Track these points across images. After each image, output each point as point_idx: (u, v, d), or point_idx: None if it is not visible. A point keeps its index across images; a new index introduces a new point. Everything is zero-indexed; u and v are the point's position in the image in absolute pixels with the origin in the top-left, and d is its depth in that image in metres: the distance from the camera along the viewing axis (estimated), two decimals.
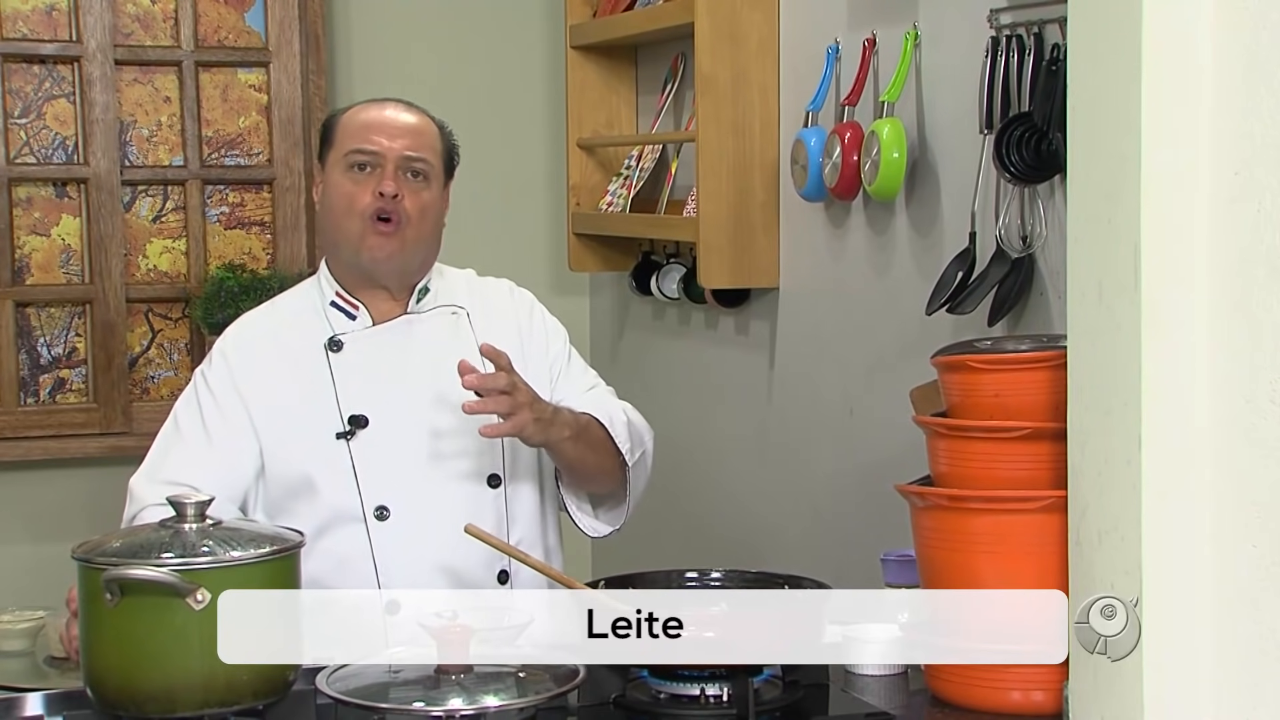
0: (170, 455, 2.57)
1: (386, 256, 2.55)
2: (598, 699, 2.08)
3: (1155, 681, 1.77)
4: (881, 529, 3.04)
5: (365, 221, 2.54)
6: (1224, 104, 1.75)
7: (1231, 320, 1.76)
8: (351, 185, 2.55)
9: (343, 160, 2.57)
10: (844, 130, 3.10)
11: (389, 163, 2.55)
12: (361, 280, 2.60)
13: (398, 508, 2.52)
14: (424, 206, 2.57)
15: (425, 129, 2.62)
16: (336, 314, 2.61)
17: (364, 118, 2.60)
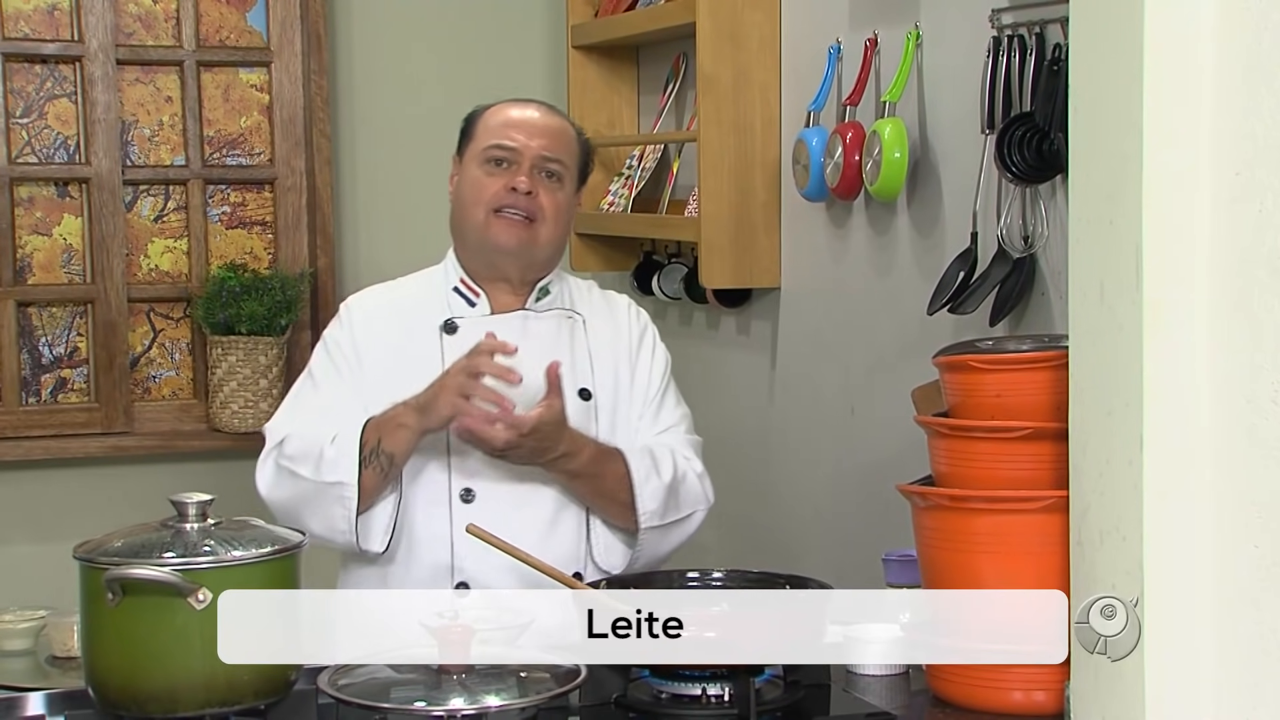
0: (309, 401, 2.63)
1: (515, 244, 2.59)
2: (599, 699, 2.08)
3: (1156, 681, 1.77)
4: (883, 529, 3.05)
5: (491, 212, 2.59)
6: (1225, 104, 1.75)
7: (1233, 320, 1.76)
8: (485, 177, 2.61)
9: (480, 154, 2.63)
10: (845, 130, 3.10)
11: (525, 160, 2.60)
12: (485, 270, 2.64)
13: (483, 493, 2.55)
14: (558, 206, 2.62)
15: (564, 132, 2.67)
16: (457, 299, 2.66)
17: (505, 115, 2.66)
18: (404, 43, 4.22)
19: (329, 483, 2.49)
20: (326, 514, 2.50)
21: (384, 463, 2.48)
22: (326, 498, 2.49)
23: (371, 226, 4.21)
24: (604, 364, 2.66)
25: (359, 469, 2.47)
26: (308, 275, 4.09)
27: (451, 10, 4.25)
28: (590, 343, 2.67)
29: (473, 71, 4.26)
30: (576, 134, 2.70)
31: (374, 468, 2.48)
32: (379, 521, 2.53)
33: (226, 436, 4.04)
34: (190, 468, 4.07)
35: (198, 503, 2.06)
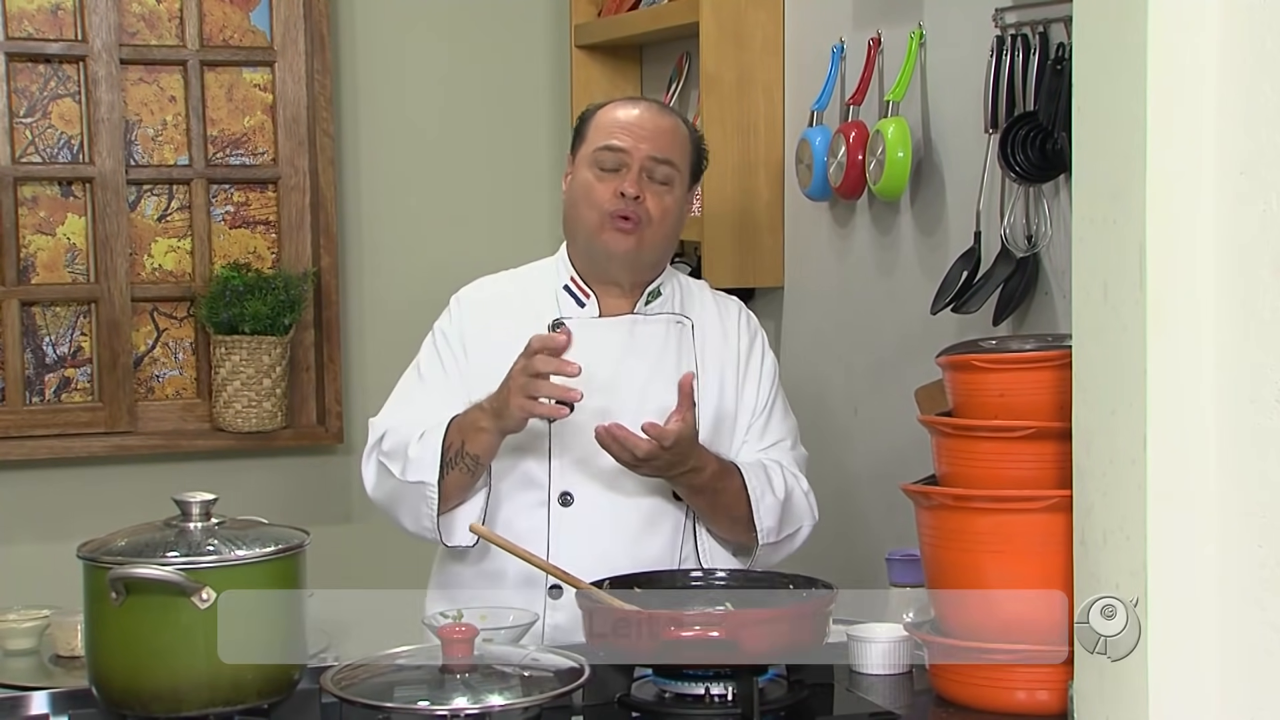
0: (414, 394, 2.65)
1: (622, 252, 2.59)
2: (602, 698, 2.08)
3: (1160, 681, 1.77)
4: (887, 528, 3.05)
5: (603, 216, 2.58)
6: (1229, 104, 1.75)
7: (1236, 320, 1.75)
8: (595, 180, 2.60)
9: (591, 156, 2.62)
10: (849, 130, 3.10)
11: (634, 163, 2.59)
12: (595, 272, 2.65)
13: (582, 496, 2.56)
14: (665, 209, 2.61)
15: (675, 131, 2.65)
16: (567, 298, 2.66)
17: (614, 116, 2.64)
18: (407, 42, 4.22)
19: (413, 482, 2.51)
20: (415, 511, 2.54)
21: (469, 464, 2.50)
22: (413, 496, 2.53)
23: (375, 226, 4.21)
24: (710, 372, 2.65)
25: (442, 470, 2.49)
26: (311, 275, 4.09)
27: (455, 10, 4.25)
28: (698, 349, 2.66)
29: (476, 71, 4.26)
30: (689, 131, 2.68)
31: (460, 469, 2.50)
32: (466, 517, 2.54)
33: (230, 436, 4.04)
34: (194, 467, 4.07)
35: (201, 502, 2.07)
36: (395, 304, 4.18)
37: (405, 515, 2.57)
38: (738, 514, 2.57)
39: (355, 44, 4.18)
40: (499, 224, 4.24)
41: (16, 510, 4.00)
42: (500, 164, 4.26)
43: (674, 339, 2.65)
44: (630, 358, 2.61)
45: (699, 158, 2.69)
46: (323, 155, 4.10)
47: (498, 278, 2.76)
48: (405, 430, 2.56)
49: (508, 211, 4.27)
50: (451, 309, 2.70)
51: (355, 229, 4.20)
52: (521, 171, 4.28)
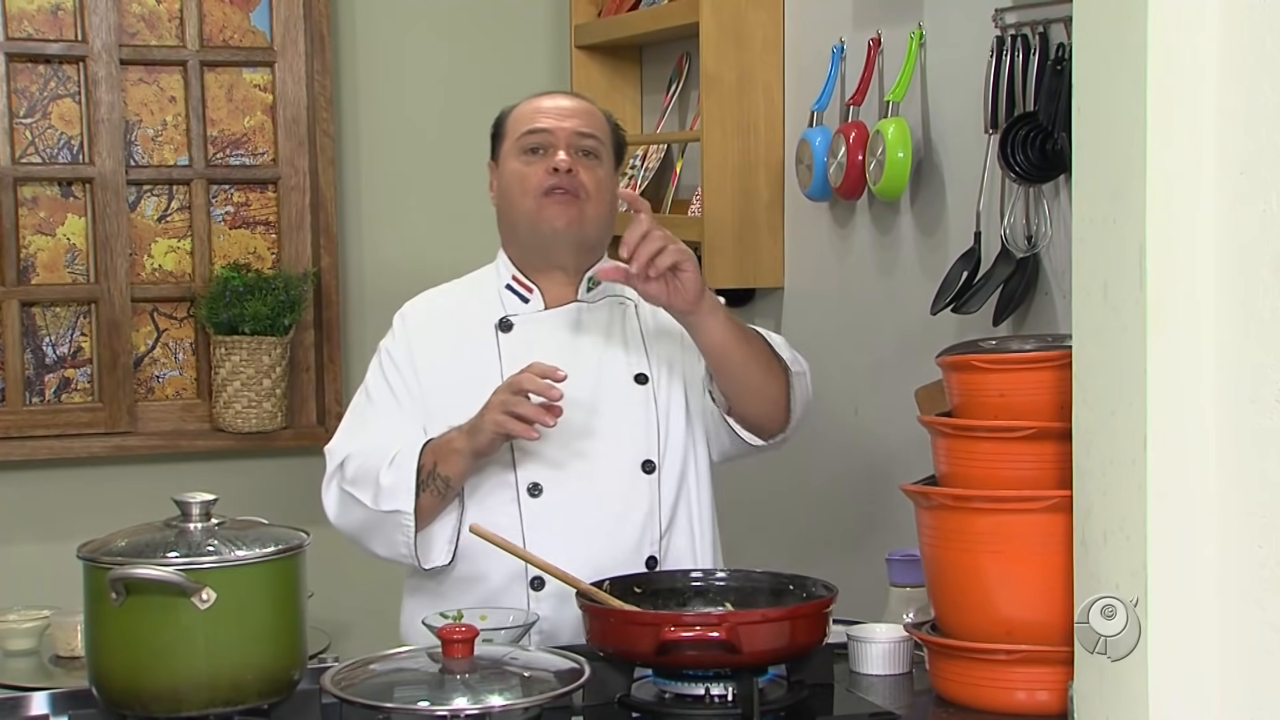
0: (366, 419, 2.64)
1: (565, 224, 2.59)
2: (602, 698, 2.08)
3: (1160, 682, 1.77)
4: (886, 529, 3.05)
5: (539, 196, 2.59)
6: (1229, 104, 1.75)
7: (1237, 320, 1.75)
8: (524, 167, 2.62)
9: (516, 146, 2.63)
10: (849, 130, 3.10)
11: (560, 140, 2.60)
12: (538, 261, 2.64)
13: (551, 485, 2.56)
14: (599, 182, 2.62)
15: (593, 112, 2.68)
16: (510, 296, 2.66)
17: (533, 105, 2.68)
18: (407, 42, 4.22)
19: (387, 511, 2.50)
20: (389, 539, 2.53)
21: (440, 486, 2.49)
22: (387, 525, 2.52)
23: (375, 226, 4.22)
24: (658, 346, 2.65)
25: (416, 493, 2.48)
26: (311, 275, 4.09)
27: (455, 10, 4.25)
28: (643, 327, 2.66)
29: (476, 71, 4.26)
30: (605, 116, 2.70)
31: (431, 491, 2.50)
32: (440, 536, 2.54)
33: (230, 436, 4.04)
34: (194, 467, 4.07)
35: (201, 502, 2.07)
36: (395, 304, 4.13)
37: (378, 543, 2.56)
38: (765, 356, 2.54)
39: (355, 44, 4.18)
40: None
41: (16, 510, 4.00)
42: None
43: (619, 321, 2.66)
44: (580, 345, 2.61)
45: (619, 142, 2.70)
46: (323, 155, 4.10)
47: (439, 290, 2.76)
48: (369, 457, 2.54)
49: None
50: (395, 327, 2.70)
51: (355, 229, 4.20)
52: None
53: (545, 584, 2.51)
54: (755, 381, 2.55)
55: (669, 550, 2.59)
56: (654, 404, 2.61)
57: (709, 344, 2.51)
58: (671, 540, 2.61)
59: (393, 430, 2.58)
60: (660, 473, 2.60)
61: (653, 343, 2.65)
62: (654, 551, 2.57)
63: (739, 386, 2.55)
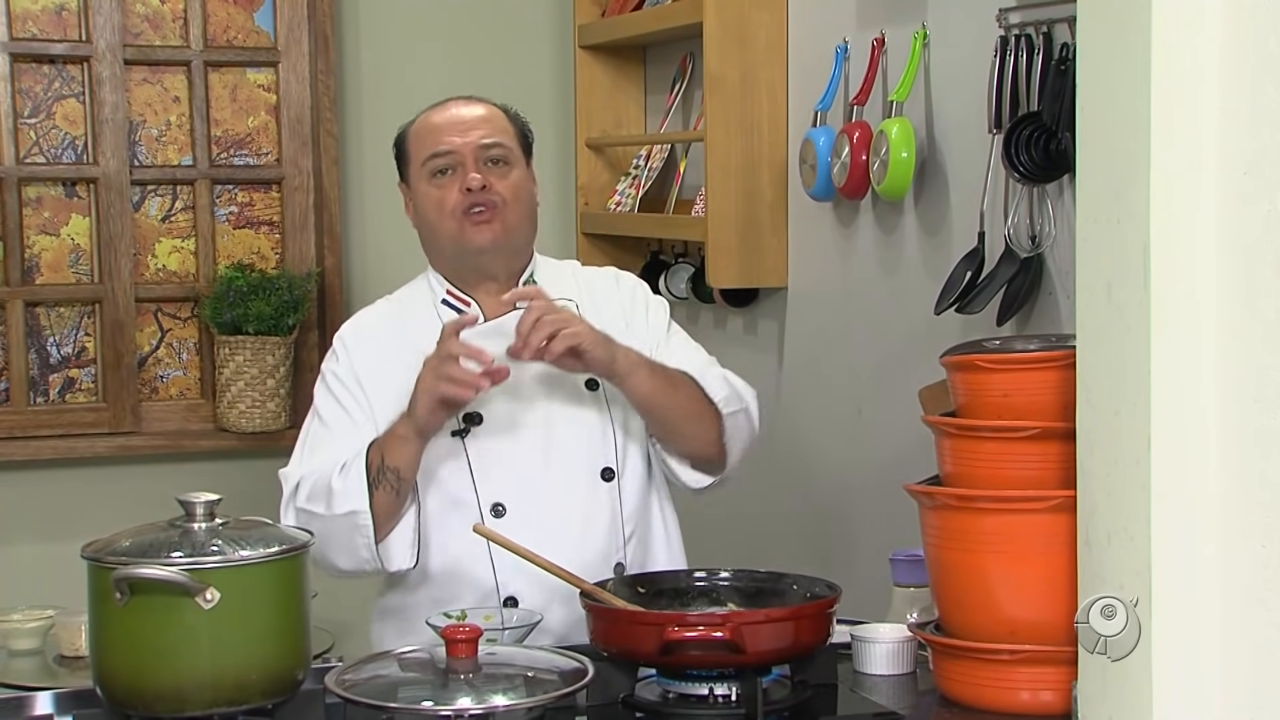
0: (320, 441, 2.59)
1: (490, 242, 2.57)
2: (606, 698, 2.08)
3: (1163, 681, 1.77)
4: (890, 529, 3.05)
5: (458, 218, 2.57)
6: (1232, 104, 1.75)
7: (1240, 320, 1.75)
8: (437, 190, 2.59)
9: (423, 170, 2.60)
10: (853, 130, 3.10)
11: (468, 158, 2.58)
12: (469, 276, 2.63)
13: (514, 504, 2.54)
14: (515, 187, 2.60)
15: (492, 116, 2.65)
16: (448, 311, 2.62)
17: (432, 122, 2.64)
18: (411, 43, 4.22)
19: (342, 514, 2.45)
20: (349, 546, 2.47)
21: (392, 479, 2.45)
22: (344, 530, 2.46)
23: (378, 226, 4.22)
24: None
25: (370, 492, 2.44)
26: (315, 275, 4.09)
27: (458, 10, 4.26)
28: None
29: (479, 71, 4.26)
30: (505, 112, 2.67)
31: (383, 487, 2.45)
32: (402, 539, 2.50)
33: (234, 436, 4.04)
34: (197, 467, 4.07)
35: (205, 502, 2.07)
36: None
37: (339, 553, 2.48)
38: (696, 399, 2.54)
39: (359, 44, 4.19)
40: None
41: (21, 510, 4.01)
42: None
43: None
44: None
45: (525, 135, 2.67)
46: (326, 155, 4.10)
47: (375, 308, 2.73)
48: (321, 472, 2.51)
49: None
50: (336, 349, 2.64)
51: (359, 229, 4.20)
52: None
53: (519, 603, 2.50)
54: (687, 429, 2.56)
55: (636, 555, 2.59)
56: (607, 410, 2.59)
57: (635, 400, 2.53)
58: (638, 545, 2.60)
59: (348, 448, 2.52)
60: (621, 480, 2.59)
61: None
62: (620, 558, 2.57)
63: (670, 433, 2.57)
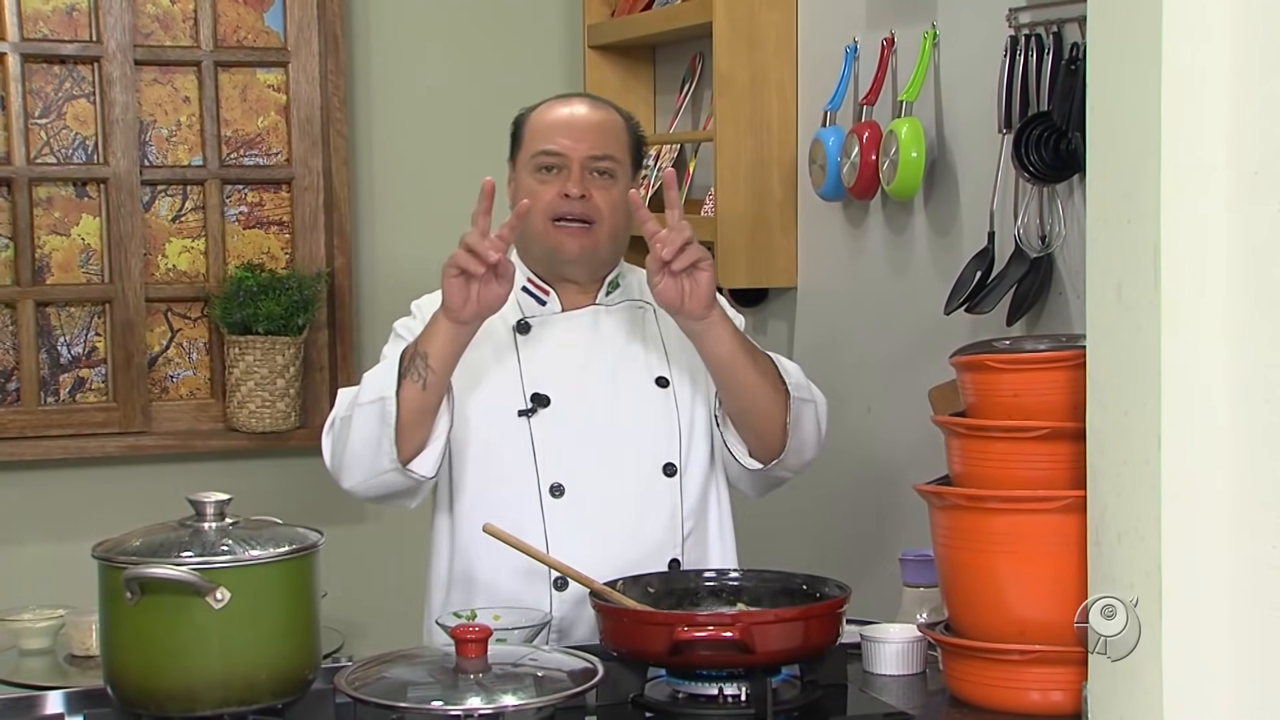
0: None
1: (577, 252, 2.58)
2: (616, 698, 2.09)
3: (1173, 682, 1.77)
4: (900, 529, 3.05)
5: (550, 220, 2.57)
6: (1243, 103, 1.75)
7: (1250, 320, 1.75)
8: (538, 185, 2.59)
9: (530, 162, 2.60)
10: (862, 130, 3.10)
11: (574, 164, 2.57)
12: (552, 271, 2.63)
13: (572, 486, 2.54)
14: (613, 202, 2.60)
15: (610, 125, 2.63)
16: (527, 298, 2.63)
17: (550, 119, 2.62)
18: (421, 42, 4.22)
19: (369, 401, 2.42)
20: (372, 441, 2.42)
21: (420, 367, 2.40)
22: (369, 421, 2.42)
23: (388, 226, 4.22)
24: (678, 351, 2.63)
25: (399, 380, 2.39)
26: (325, 275, 4.10)
27: (468, 10, 4.26)
28: (662, 330, 2.65)
29: (489, 71, 4.26)
30: (625, 122, 2.66)
31: (412, 376, 2.40)
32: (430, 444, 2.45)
33: (244, 436, 4.05)
34: (208, 467, 4.08)
35: (215, 502, 2.07)
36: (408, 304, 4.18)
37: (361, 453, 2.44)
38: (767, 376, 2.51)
39: (369, 44, 4.19)
40: None
41: (31, 510, 4.01)
42: None
43: (638, 325, 2.65)
44: (598, 348, 2.60)
45: (638, 146, 2.67)
46: (336, 155, 4.11)
47: None
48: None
49: None
50: (414, 312, 2.65)
51: (369, 229, 4.21)
52: None
53: (568, 585, 2.50)
54: (755, 400, 2.52)
55: (692, 553, 2.59)
56: (675, 407, 2.60)
57: (715, 355, 2.49)
58: (695, 543, 2.60)
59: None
60: (683, 476, 2.59)
61: (674, 347, 2.64)
62: (676, 554, 2.57)
63: (740, 401, 2.54)
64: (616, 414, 2.58)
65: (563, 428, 2.56)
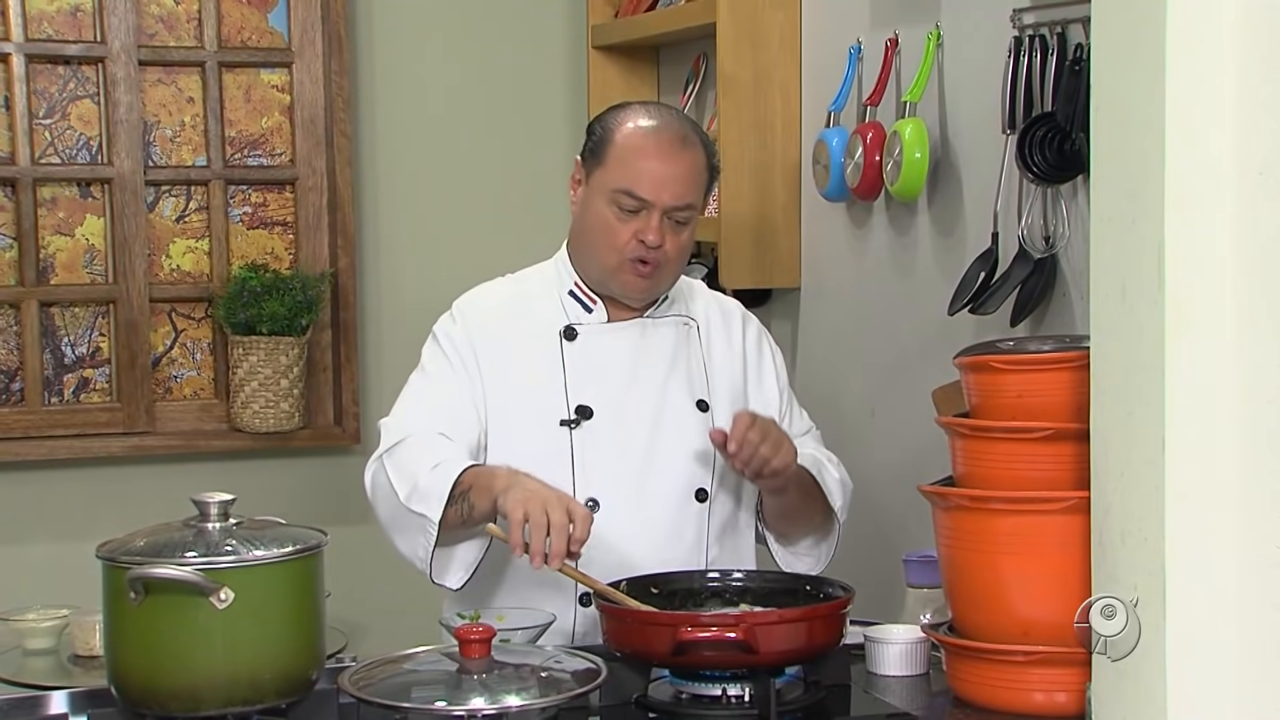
0: (425, 394, 2.59)
1: (641, 294, 2.58)
2: (619, 698, 2.09)
3: (1177, 683, 1.77)
4: (904, 530, 3.04)
5: (621, 258, 2.54)
6: (1248, 103, 1.74)
7: (1256, 320, 1.75)
8: (615, 220, 2.54)
9: (610, 194, 2.54)
10: (866, 130, 3.10)
11: (656, 212, 2.52)
12: (603, 290, 2.62)
13: (606, 502, 2.53)
14: (682, 246, 2.58)
15: (694, 168, 2.56)
16: (574, 304, 2.62)
17: (639, 158, 2.53)
18: (424, 43, 4.22)
19: (415, 512, 2.44)
20: (410, 541, 2.47)
21: (465, 509, 2.42)
22: (412, 525, 2.46)
23: (392, 226, 4.22)
24: (719, 374, 2.65)
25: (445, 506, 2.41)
26: (329, 275, 4.10)
27: (472, 10, 4.26)
28: (704, 349, 2.65)
29: (493, 71, 4.26)
30: (706, 159, 2.60)
31: (456, 509, 2.41)
32: (461, 559, 2.49)
33: (248, 436, 4.05)
34: (212, 467, 4.08)
35: (219, 502, 2.07)
36: (412, 304, 4.18)
37: (401, 540, 2.50)
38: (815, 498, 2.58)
39: (372, 45, 4.19)
40: (516, 224, 4.24)
41: (35, 510, 4.02)
42: (517, 164, 4.27)
43: (683, 340, 2.64)
44: (644, 361, 2.60)
45: (712, 179, 2.64)
46: (340, 156, 4.11)
47: (499, 285, 2.71)
48: (419, 448, 2.49)
49: (525, 212, 4.27)
50: (455, 315, 2.64)
51: (372, 230, 4.21)
52: (538, 172, 4.29)
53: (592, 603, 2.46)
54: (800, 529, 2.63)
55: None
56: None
57: (771, 503, 2.59)
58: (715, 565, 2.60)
59: (451, 406, 2.53)
60: (712, 503, 2.60)
61: (713, 369, 2.64)
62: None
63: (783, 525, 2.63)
64: (657, 434, 2.56)
65: (603, 443, 2.55)
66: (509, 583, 2.56)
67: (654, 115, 2.58)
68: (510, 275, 2.73)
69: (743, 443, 2.43)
